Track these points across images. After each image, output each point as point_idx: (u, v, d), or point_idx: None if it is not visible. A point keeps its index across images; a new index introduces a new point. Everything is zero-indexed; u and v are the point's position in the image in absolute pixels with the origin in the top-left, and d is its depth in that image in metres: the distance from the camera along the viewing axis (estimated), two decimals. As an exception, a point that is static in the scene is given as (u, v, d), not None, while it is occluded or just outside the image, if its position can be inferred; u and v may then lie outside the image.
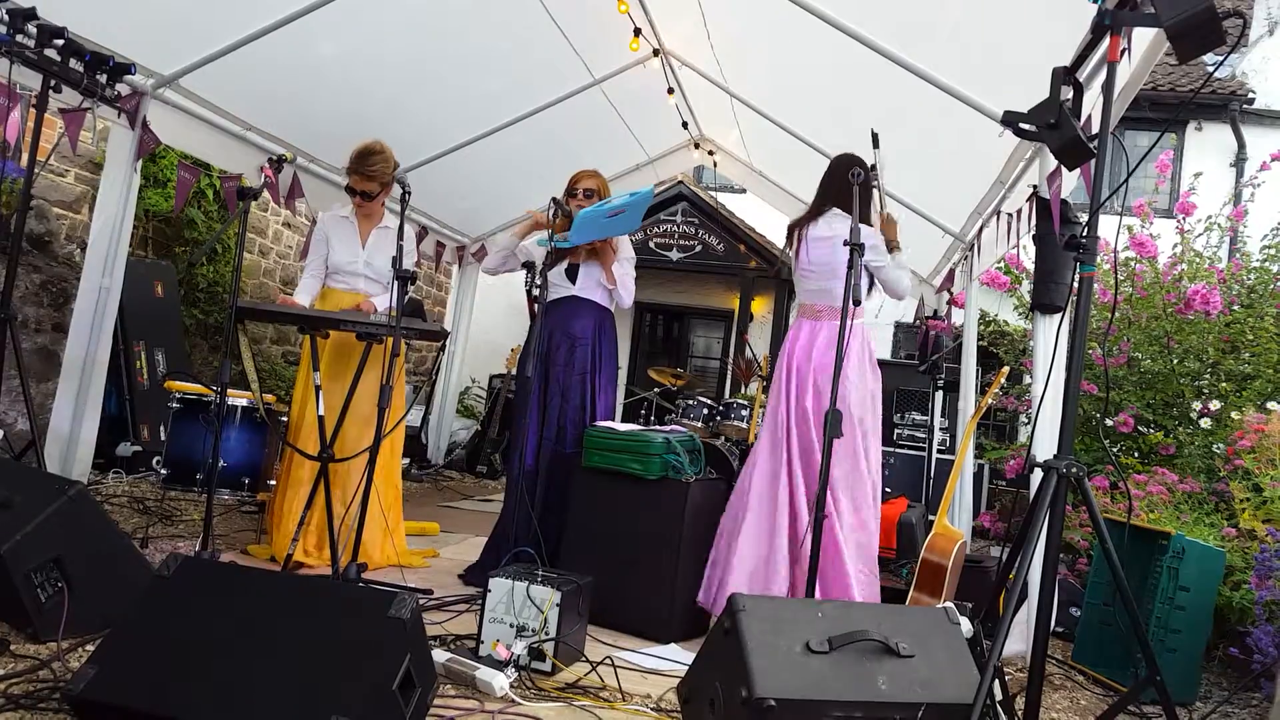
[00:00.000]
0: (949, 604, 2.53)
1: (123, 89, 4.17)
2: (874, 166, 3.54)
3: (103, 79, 3.75)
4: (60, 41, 3.49)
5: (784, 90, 5.97)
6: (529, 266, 4.13)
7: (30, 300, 5.59)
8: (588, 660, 3.00)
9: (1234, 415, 5.04)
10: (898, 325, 11.21)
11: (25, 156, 3.61)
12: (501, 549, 4.09)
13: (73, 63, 3.59)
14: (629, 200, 3.84)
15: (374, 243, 4.19)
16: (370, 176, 4.09)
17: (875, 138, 3.50)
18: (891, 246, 3.74)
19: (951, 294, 6.50)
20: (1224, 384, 5.74)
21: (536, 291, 4.10)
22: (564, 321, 4.08)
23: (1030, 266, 4.40)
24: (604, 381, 4.24)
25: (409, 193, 3.58)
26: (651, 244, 11.02)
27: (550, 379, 4.13)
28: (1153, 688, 2.25)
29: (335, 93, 5.29)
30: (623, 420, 4.33)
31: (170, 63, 4.50)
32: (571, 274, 4.15)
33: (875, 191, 3.60)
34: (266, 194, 4.52)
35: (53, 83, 3.52)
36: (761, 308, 11.66)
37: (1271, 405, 4.88)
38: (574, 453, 4.08)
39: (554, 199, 3.98)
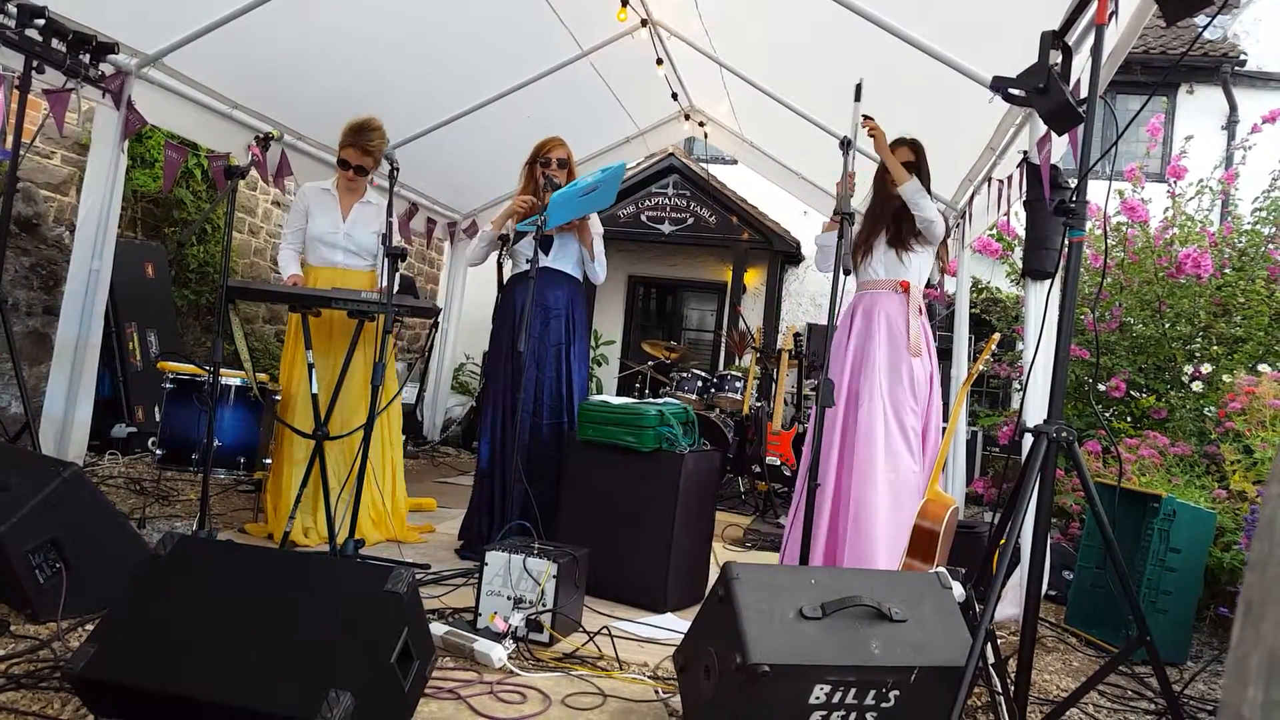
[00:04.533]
0: (941, 569, 2.55)
1: (106, 69, 4.13)
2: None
3: (86, 59, 3.72)
4: (41, 21, 3.46)
5: (774, 60, 5.94)
6: (504, 239, 4.13)
7: (20, 283, 5.57)
8: (585, 631, 3.03)
9: (1225, 378, 5.07)
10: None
11: (10, 139, 3.59)
12: (479, 524, 4.12)
13: (55, 43, 3.56)
14: (601, 177, 3.81)
15: (355, 216, 4.17)
16: (368, 151, 4.06)
17: (858, 90, 3.50)
18: (902, 177, 3.80)
19: (944, 261, 6.49)
20: (1215, 347, 5.76)
21: (508, 263, 4.13)
22: (538, 293, 4.03)
23: (1022, 233, 4.41)
24: (579, 354, 4.24)
25: (397, 169, 3.57)
26: (643, 217, 10.99)
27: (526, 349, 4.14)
28: (1144, 648, 2.27)
29: (321, 69, 5.25)
30: (617, 394, 4.34)
31: (154, 41, 4.45)
32: (545, 246, 4.13)
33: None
34: (255, 172, 4.50)
35: (35, 63, 3.49)
36: (754, 280, 11.64)
37: (1262, 367, 4.90)
38: (551, 424, 4.10)
39: (547, 178, 3.96)
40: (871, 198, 4.04)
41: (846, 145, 3.49)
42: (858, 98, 3.52)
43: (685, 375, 7.45)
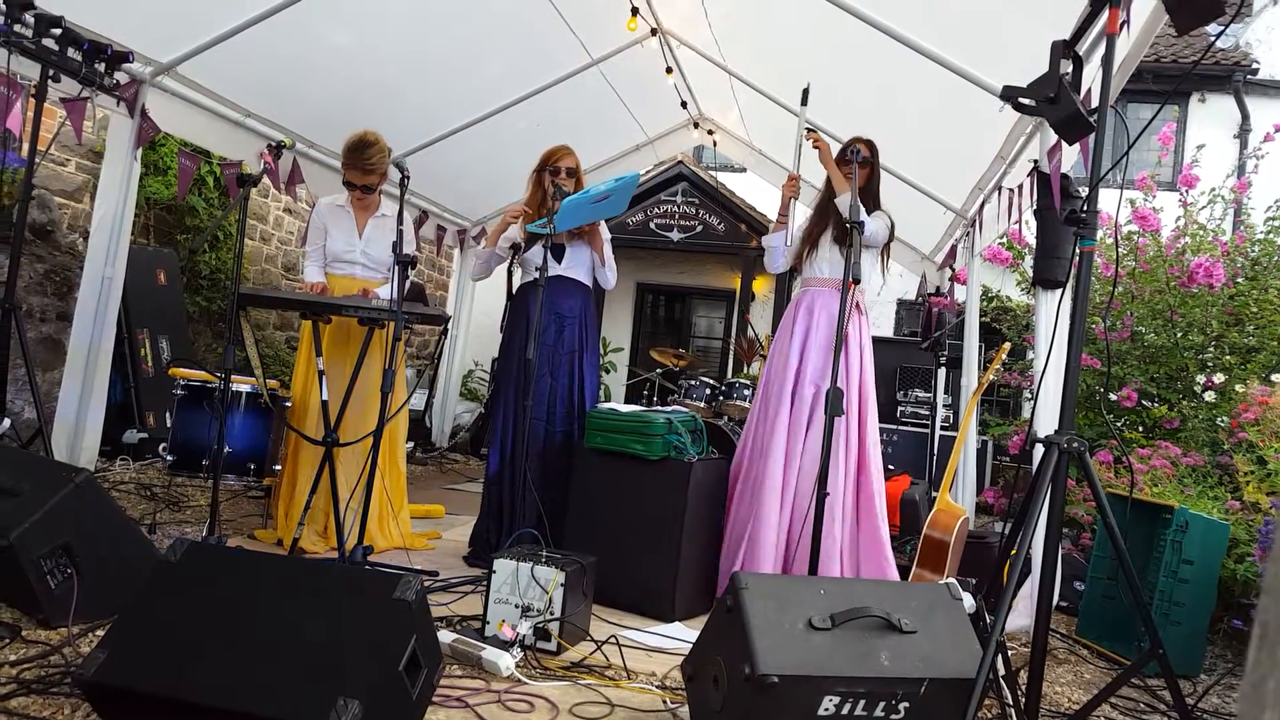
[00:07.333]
0: (951, 580, 2.55)
1: (121, 77, 4.16)
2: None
3: (101, 68, 3.75)
4: (58, 31, 3.48)
5: (783, 68, 5.94)
6: (514, 248, 4.13)
7: (34, 290, 5.60)
8: (593, 639, 3.02)
9: (1238, 388, 5.04)
10: (900, 302, 11.20)
11: (26, 146, 3.61)
12: (487, 531, 4.12)
13: (71, 52, 3.59)
14: (614, 185, 3.82)
15: (371, 232, 4.18)
16: (369, 170, 4.07)
17: (805, 94, 3.55)
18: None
19: (954, 270, 6.49)
20: (1228, 357, 5.73)
21: (518, 272, 4.14)
22: (551, 300, 4.02)
23: (1032, 242, 4.40)
24: (590, 362, 4.24)
25: (407, 177, 3.57)
26: (652, 224, 11.00)
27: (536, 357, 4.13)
28: (1156, 661, 2.26)
29: (333, 78, 5.28)
30: (625, 401, 4.33)
31: (168, 50, 4.49)
32: (557, 254, 4.13)
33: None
34: (266, 180, 4.52)
35: (51, 72, 3.52)
36: (763, 287, 11.64)
37: (1276, 378, 4.87)
38: (563, 432, 4.09)
39: (556, 186, 3.96)
40: (820, 195, 4.07)
41: (854, 153, 3.50)
42: (804, 102, 3.54)
43: (693, 383, 7.43)
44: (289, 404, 4.26)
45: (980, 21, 4.08)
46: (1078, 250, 2.35)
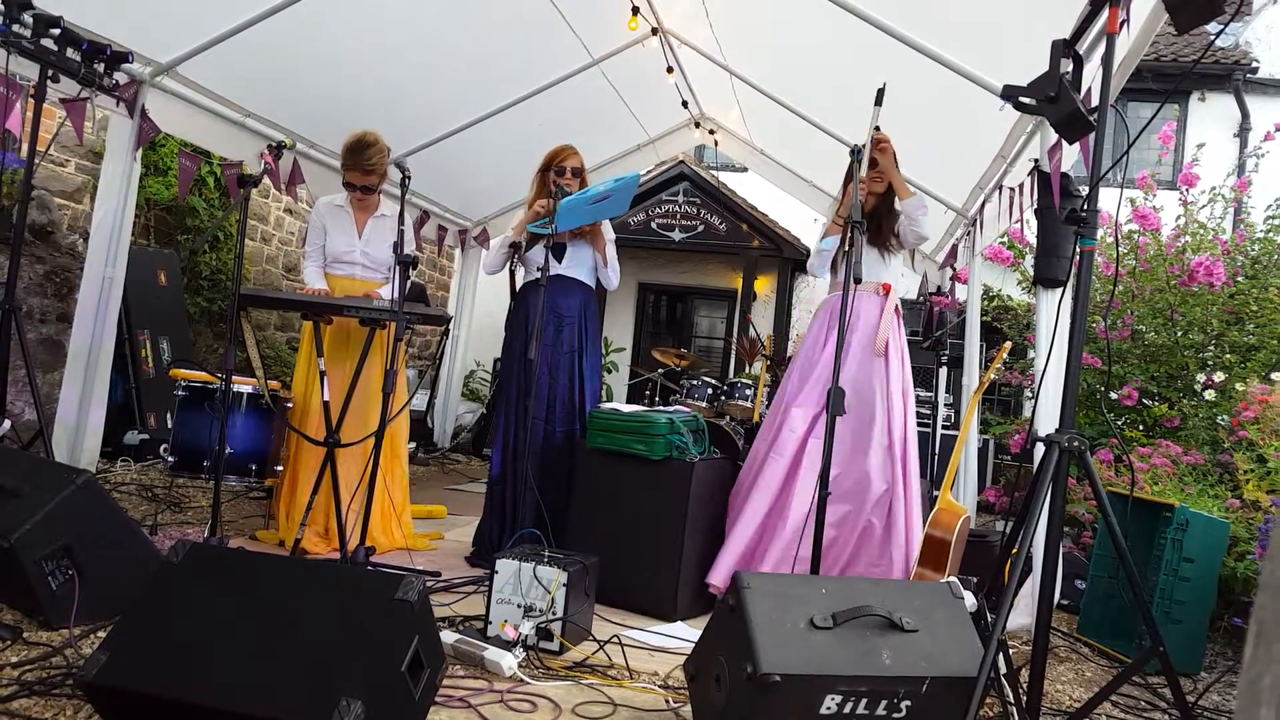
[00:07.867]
0: (953, 578, 2.55)
1: (121, 78, 4.16)
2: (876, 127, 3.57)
3: (100, 68, 3.74)
4: (57, 31, 3.48)
5: (784, 67, 5.94)
6: (514, 246, 4.13)
7: (34, 291, 5.60)
8: (595, 639, 3.02)
9: (1238, 387, 5.04)
10: (902, 301, 11.19)
11: (25, 147, 3.61)
12: (490, 531, 4.12)
13: (70, 52, 3.58)
14: (614, 185, 3.81)
15: (370, 232, 4.18)
16: (369, 170, 4.06)
17: (880, 94, 3.51)
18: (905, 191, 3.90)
19: (954, 269, 6.49)
20: (1228, 355, 5.73)
21: (520, 270, 4.13)
22: (551, 300, 4.01)
23: (1033, 241, 4.40)
24: (591, 363, 4.23)
25: (409, 177, 3.57)
26: (654, 224, 11.01)
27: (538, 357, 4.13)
28: (1157, 659, 2.26)
29: (334, 78, 5.28)
30: (627, 401, 4.32)
31: (167, 50, 4.49)
32: (558, 253, 4.13)
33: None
34: (267, 181, 4.52)
35: (50, 72, 3.52)
36: (764, 287, 11.63)
37: (1276, 376, 4.87)
38: (564, 432, 4.09)
39: (559, 186, 3.96)
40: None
41: (857, 153, 3.49)
42: (879, 102, 3.51)
43: (695, 383, 7.43)
44: (290, 405, 4.26)
45: (981, 20, 4.08)
46: (1078, 249, 2.35)
